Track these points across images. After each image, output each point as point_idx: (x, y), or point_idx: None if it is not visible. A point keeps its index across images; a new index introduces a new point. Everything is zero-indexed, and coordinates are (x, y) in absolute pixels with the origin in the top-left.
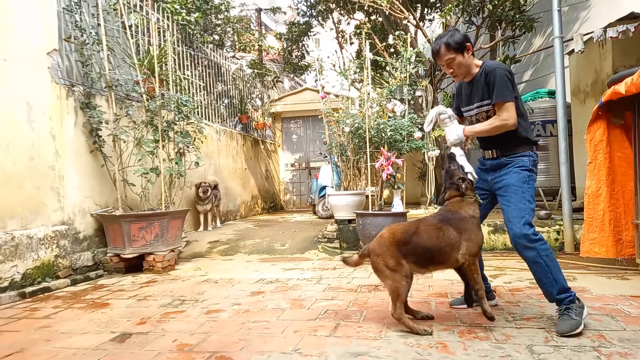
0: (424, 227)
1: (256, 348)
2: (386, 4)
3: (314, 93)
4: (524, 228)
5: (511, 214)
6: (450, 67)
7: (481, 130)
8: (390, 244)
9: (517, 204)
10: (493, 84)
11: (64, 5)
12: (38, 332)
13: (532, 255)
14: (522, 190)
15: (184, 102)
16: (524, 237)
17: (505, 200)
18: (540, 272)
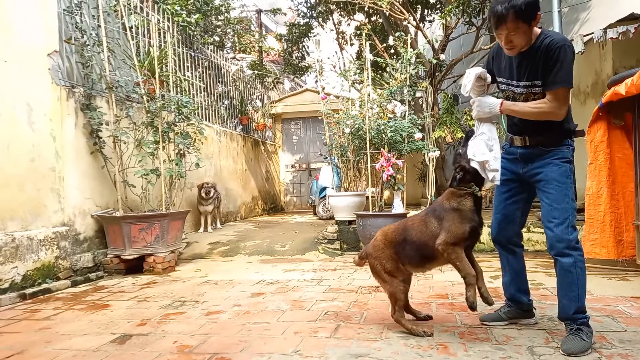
0: (412, 223)
1: (256, 349)
2: (386, 5)
3: (314, 94)
4: (567, 232)
5: (552, 214)
6: (511, 38)
7: (524, 112)
8: (384, 246)
9: (560, 203)
10: (557, 63)
11: (65, 6)
12: (38, 334)
13: (567, 263)
14: (565, 186)
15: (185, 104)
16: (566, 242)
17: (546, 196)
18: (567, 283)
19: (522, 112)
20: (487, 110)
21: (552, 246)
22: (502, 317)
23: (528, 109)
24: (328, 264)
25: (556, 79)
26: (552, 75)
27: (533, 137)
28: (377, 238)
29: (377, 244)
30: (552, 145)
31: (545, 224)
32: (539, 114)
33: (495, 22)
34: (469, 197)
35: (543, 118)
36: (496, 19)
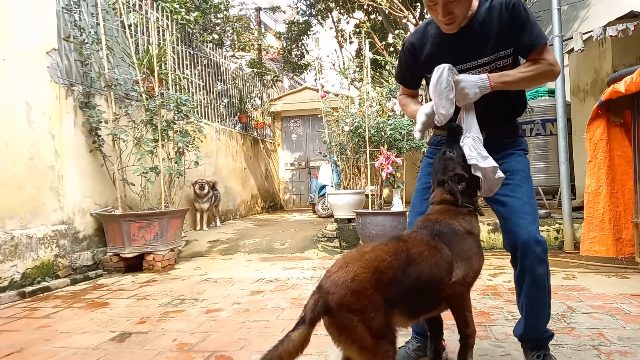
0: (416, 250)
1: (256, 347)
2: (386, 3)
3: (313, 92)
4: (538, 233)
5: (524, 209)
6: (450, 8)
7: (521, 79)
8: (374, 289)
9: (528, 199)
10: (527, 21)
11: (63, 4)
12: (38, 332)
13: (541, 273)
14: (530, 180)
15: (184, 102)
16: (539, 245)
17: (511, 189)
18: (539, 298)
19: (517, 80)
20: (476, 91)
21: (527, 251)
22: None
23: (524, 74)
24: (327, 262)
25: (536, 36)
26: (528, 34)
27: (492, 129)
28: (356, 275)
29: (360, 286)
30: (512, 136)
31: (515, 221)
32: (538, 76)
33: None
34: (474, 216)
35: (542, 81)
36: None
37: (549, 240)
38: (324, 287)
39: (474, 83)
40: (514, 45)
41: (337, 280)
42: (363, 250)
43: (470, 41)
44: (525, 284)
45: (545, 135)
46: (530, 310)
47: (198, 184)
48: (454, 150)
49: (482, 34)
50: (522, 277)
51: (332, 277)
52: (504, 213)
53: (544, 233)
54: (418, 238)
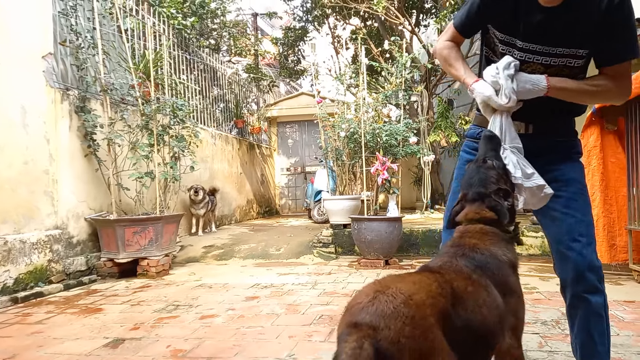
0: (462, 284)
1: (251, 354)
2: (382, 10)
3: (309, 98)
4: (595, 257)
5: (579, 229)
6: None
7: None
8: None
9: (586, 214)
10: (625, 25)
11: (60, 9)
12: (30, 338)
13: (599, 303)
14: (586, 192)
15: (180, 106)
16: (598, 273)
17: (564, 204)
18: (599, 333)
19: (580, 93)
20: (528, 87)
21: (582, 277)
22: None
23: (586, 88)
24: (323, 268)
25: (625, 48)
26: (616, 42)
27: (541, 124)
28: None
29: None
30: (566, 135)
31: (565, 243)
32: (606, 97)
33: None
34: (514, 244)
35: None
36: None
37: (543, 246)
38: (363, 323)
39: (529, 80)
40: (597, 47)
41: (384, 309)
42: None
43: (559, 23)
44: (579, 317)
45: None
46: (586, 348)
47: (193, 189)
48: (496, 159)
49: (574, 21)
50: (576, 309)
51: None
52: (554, 232)
53: (538, 239)
54: (455, 269)
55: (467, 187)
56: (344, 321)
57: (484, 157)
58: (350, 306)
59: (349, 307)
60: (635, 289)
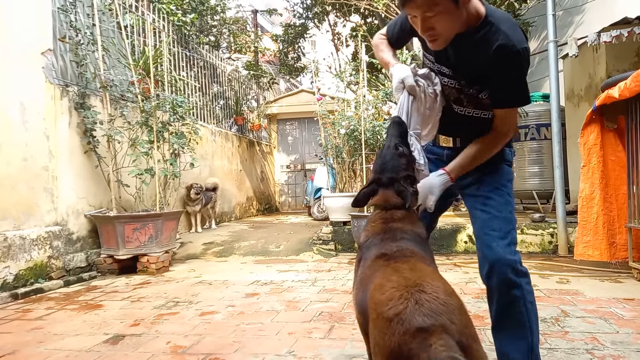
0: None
1: (250, 350)
2: (382, 7)
3: (309, 95)
4: (511, 252)
5: (492, 224)
6: (430, 23)
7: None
8: None
9: (501, 211)
10: (513, 75)
11: (59, 4)
12: (30, 334)
13: (513, 297)
14: (507, 191)
15: (179, 103)
16: (510, 265)
17: (481, 202)
18: (514, 326)
19: (472, 161)
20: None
21: (492, 270)
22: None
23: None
24: (323, 265)
25: (513, 98)
26: (508, 91)
27: (466, 138)
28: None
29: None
30: None
31: (480, 237)
32: (494, 150)
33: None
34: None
35: (498, 150)
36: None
37: (543, 244)
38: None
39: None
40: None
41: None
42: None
43: (456, 53)
44: (496, 309)
45: (540, 140)
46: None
47: (194, 189)
48: (406, 147)
49: (468, 55)
50: (492, 301)
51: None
52: (474, 229)
53: (538, 237)
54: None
55: (380, 172)
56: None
57: (396, 143)
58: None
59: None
60: (634, 286)
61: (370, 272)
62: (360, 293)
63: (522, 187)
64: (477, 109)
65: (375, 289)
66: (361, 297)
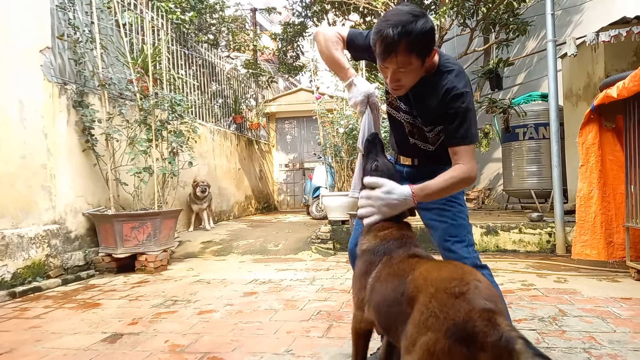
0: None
1: (249, 349)
2: (381, 6)
3: (308, 94)
4: (469, 252)
5: (449, 231)
6: (399, 76)
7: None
8: None
9: (455, 219)
10: (465, 115)
11: (57, 2)
12: (28, 332)
13: None
14: (459, 202)
15: (178, 102)
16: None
17: (437, 214)
18: None
19: (438, 193)
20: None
21: None
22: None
23: (443, 186)
24: (321, 264)
25: (467, 137)
26: (455, 130)
27: (423, 160)
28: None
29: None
30: (448, 163)
31: (441, 244)
32: (458, 186)
33: (382, 50)
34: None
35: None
36: (384, 46)
37: (540, 243)
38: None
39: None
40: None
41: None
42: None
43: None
44: None
45: (538, 139)
46: None
47: (200, 187)
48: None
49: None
50: None
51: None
52: (435, 238)
53: (536, 237)
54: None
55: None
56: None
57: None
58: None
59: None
60: (632, 286)
61: (405, 266)
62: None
63: (520, 187)
64: (424, 142)
65: (430, 271)
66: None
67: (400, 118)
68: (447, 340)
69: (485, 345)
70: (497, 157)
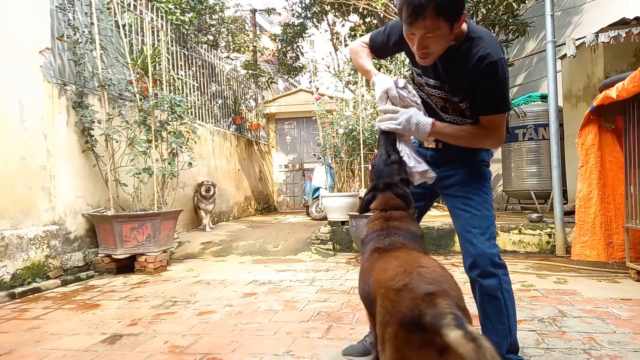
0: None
1: (248, 350)
2: (381, 7)
3: (308, 94)
4: (490, 245)
5: (472, 222)
6: (427, 42)
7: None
8: None
9: (480, 209)
10: (495, 84)
11: (57, 3)
12: (27, 333)
13: (492, 286)
14: (485, 190)
15: (178, 102)
16: (489, 259)
17: (462, 202)
18: (494, 312)
19: (454, 138)
20: (413, 129)
21: (474, 263)
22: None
23: (462, 134)
24: (321, 265)
25: (496, 104)
26: (488, 99)
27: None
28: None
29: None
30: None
31: (462, 235)
32: (475, 142)
33: (409, 14)
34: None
35: (479, 146)
36: (412, 9)
37: (540, 244)
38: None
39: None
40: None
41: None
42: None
43: (440, 64)
44: (478, 298)
45: (538, 140)
46: (485, 323)
47: (204, 186)
48: (395, 153)
49: (451, 66)
50: (474, 291)
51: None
52: (457, 227)
53: (535, 237)
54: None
55: (377, 179)
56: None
57: (387, 152)
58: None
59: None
60: (631, 286)
61: (368, 264)
62: (361, 283)
63: (520, 187)
64: (461, 116)
65: (379, 273)
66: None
67: (430, 94)
68: (402, 331)
69: (427, 326)
70: (497, 157)
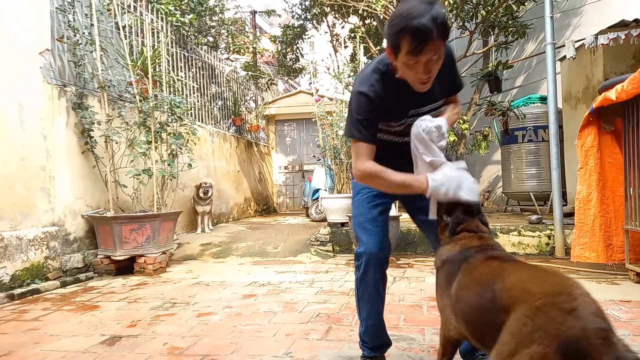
0: None
1: (247, 351)
2: (380, 8)
3: (308, 96)
4: None
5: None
6: (431, 67)
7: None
8: None
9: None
10: (453, 67)
11: (57, 4)
12: (26, 335)
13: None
14: None
15: (177, 104)
16: None
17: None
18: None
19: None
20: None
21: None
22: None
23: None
24: (320, 266)
25: (460, 80)
26: (457, 77)
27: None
28: None
29: None
30: None
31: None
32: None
33: (417, 43)
34: None
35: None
36: (420, 38)
37: (539, 245)
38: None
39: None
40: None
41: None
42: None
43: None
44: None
45: (537, 142)
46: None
47: (203, 188)
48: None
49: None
50: None
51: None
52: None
53: (535, 239)
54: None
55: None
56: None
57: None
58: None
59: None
60: (631, 288)
61: (486, 270)
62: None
63: (519, 189)
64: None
65: (527, 281)
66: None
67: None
68: (557, 356)
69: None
70: (497, 159)
